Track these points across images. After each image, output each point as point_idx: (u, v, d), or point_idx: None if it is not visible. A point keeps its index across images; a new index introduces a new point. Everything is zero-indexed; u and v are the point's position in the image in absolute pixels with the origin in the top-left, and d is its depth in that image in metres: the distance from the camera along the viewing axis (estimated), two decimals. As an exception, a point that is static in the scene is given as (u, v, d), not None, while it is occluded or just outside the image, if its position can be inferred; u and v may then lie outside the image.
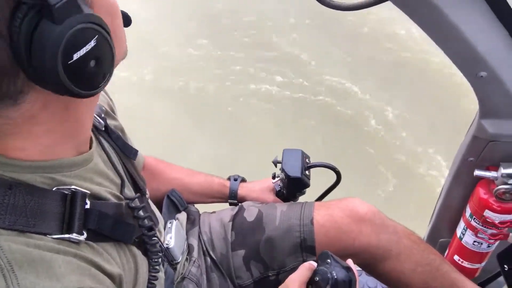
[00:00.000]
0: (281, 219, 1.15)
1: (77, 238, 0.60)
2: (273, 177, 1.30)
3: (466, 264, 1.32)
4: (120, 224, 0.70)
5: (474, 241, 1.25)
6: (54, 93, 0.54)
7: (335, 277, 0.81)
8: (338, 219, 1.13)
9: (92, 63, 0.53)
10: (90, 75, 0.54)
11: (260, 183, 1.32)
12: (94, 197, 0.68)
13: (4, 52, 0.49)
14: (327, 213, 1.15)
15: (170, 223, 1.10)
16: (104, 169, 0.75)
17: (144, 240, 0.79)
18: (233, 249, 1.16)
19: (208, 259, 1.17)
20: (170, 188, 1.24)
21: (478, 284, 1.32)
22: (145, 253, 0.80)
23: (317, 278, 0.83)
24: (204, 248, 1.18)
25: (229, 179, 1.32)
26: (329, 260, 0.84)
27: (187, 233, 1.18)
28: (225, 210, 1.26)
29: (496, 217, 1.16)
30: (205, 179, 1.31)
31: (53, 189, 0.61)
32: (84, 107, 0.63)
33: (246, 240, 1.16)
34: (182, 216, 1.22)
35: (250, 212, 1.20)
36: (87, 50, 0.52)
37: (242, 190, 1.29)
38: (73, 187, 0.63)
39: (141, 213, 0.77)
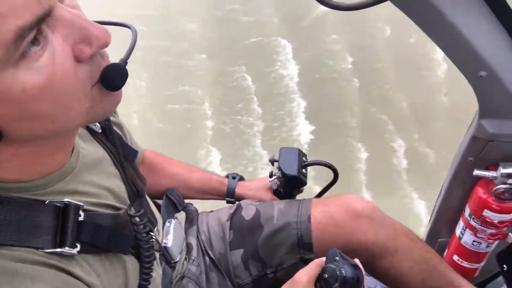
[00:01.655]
0: (278, 217, 1.15)
1: (69, 251, 0.60)
2: (270, 176, 1.29)
3: (465, 264, 1.32)
4: (116, 235, 0.70)
5: (474, 241, 1.25)
6: None
7: (344, 274, 0.81)
8: (336, 216, 1.13)
9: None
10: None
11: (257, 181, 1.32)
12: (84, 208, 0.66)
13: None
14: (325, 209, 1.14)
15: (168, 222, 1.09)
16: (92, 177, 0.72)
17: (140, 245, 0.78)
18: (231, 248, 1.16)
19: (207, 258, 1.16)
20: (169, 182, 1.24)
21: (477, 284, 1.33)
22: (139, 257, 0.79)
23: (326, 275, 0.83)
24: (203, 248, 1.18)
25: (227, 177, 1.32)
26: (337, 258, 0.84)
27: (186, 232, 1.18)
28: (223, 209, 1.26)
29: (495, 217, 1.15)
30: (204, 175, 1.30)
31: (46, 202, 0.61)
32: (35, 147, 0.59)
33: (244, 239, 1.16)
34: (181, 215, 1.21)
35: (248, 211, 1.19)
36: None
37: (240, 188, 1.29)
38: (66, 199, 0.62)
39: (137, 219, 0.76)
